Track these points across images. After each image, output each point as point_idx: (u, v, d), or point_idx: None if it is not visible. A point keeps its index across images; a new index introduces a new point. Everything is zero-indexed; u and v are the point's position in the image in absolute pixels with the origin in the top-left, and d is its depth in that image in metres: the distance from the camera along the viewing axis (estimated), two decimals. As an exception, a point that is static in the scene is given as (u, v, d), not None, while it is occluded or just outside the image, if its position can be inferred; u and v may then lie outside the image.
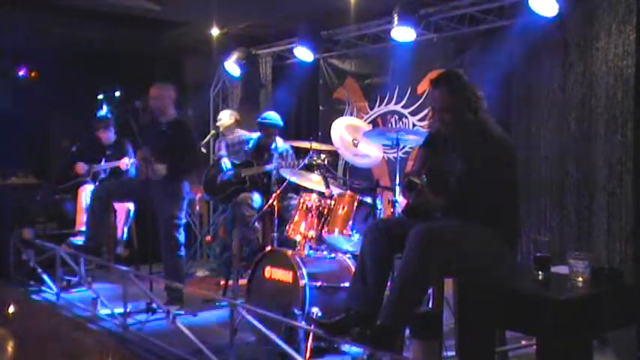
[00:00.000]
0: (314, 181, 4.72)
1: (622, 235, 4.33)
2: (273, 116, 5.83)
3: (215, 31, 6.93)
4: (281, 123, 5.83)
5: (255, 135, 6.02)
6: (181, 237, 5.07)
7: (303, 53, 6.44)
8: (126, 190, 5.39)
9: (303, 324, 3.60)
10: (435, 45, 5.72)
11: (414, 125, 5.88)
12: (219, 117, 6.62)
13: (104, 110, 6.84)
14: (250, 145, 5.99)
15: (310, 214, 4.37)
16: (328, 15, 6.18)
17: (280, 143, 5.83)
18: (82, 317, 4.85)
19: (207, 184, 6.04)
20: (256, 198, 5.53)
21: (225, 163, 5.88)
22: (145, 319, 4.49)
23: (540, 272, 2.84)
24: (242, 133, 6.36)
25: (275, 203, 4.73)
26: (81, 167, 6.39)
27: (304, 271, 3.86)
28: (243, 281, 4.84)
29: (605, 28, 4.46)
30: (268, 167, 5.58)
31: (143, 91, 5.30)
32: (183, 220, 5.14)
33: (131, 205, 6.22)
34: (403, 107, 6.02)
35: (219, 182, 5.87)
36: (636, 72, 4.32)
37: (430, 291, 3.37)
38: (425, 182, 3.17)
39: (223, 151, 6.01)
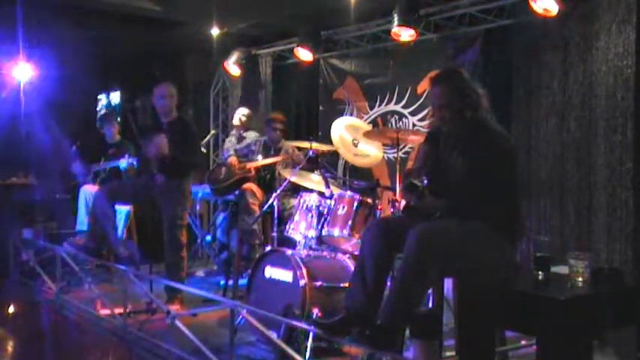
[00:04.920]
0: (314, 181, 4.72)
1: (622, 235, 4.34)
2: (280, 114, 5.99)
3: (215, 31, 6.93)
4: (285, 120, 5.96)
5: (263, 137, 6.11)
6: (184, 237, 5.06)
7: (303, 53, 6.44)
8: (129, 192, 5.38)
9: (303, 324, 3.60)
10: (435, 45, 5.72)
11: (414, 125, 5.89)
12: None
13: (105, 108, 6.85)
14: (258, 145, 6.06)
15: (310, 214, 4.38)
16: (328, 15, 6.18)
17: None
18: (82, 317, 4.85)
19: (212, 176, 6.08)
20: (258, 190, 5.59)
21: (232, 159, 5.95)
22: (144, 319, 4.48)
23: (540, 272, 2.84)
24: (250, 139, 6.39)
25: (275, 203, 4.74)
26: (74, 168, 6.37)
27: (304, 271, 3.86)
28: (243, 281, 4.84)
29: (605, 28, 4.46)
30: (269, 160, 5.64)
31: (143, 91, 5.30)
32: (187, 221, 5.13)
33: (131, 206, 6.22)
34: (403, 107, 6.02)
35: (224, 174, 5.91)
36: (636, 72, 4.32)
37: (430, 291, 3.37)
38: (425, 185, 3.16)
39: (231, 151, 6.06)
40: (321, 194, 4.47)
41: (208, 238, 7.07)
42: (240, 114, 6.56)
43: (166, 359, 3.90)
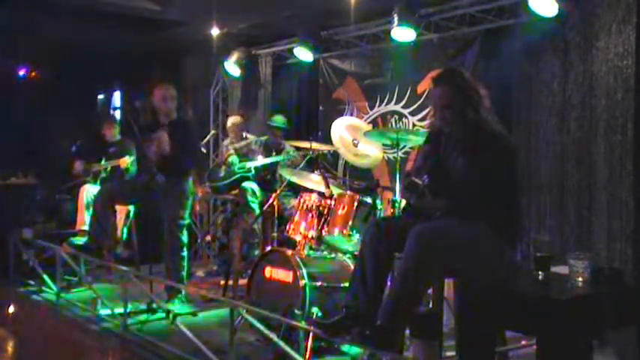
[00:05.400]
0: (314, 181, 4.72)
1: (622, 236, 4.33)
2: (279, 119, 6.10)
3: (215, 31, 6.93)
4: (286, 125, 6.09)
5: (264, 137, 6.12)
6: (185, 237, 5.06)
7: (303, 53, 6.44)
8: (129, 192, 5.37)
9: (303, 324, 3.60)
10: (435, 45, 5.72)
11: (414, 125, 5.89)
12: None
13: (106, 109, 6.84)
14: (258, 145, 6.08)
15: (310, 214, 4.38)
16: (328, 15, 6.18)
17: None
18: (82, 317, 4.85)
19: (212, 173, 6.09)
20: (258, 189, 5.61)
21: (233, 157, 5.95)
22: (144, 319, 4.48)
23: (540, 272, 2.84)
24: (250, 139, 6.41)
25: (275, 203, 4.74)
26: (77, 165, 6.36)
27: (304, 271, 3.86)
28: (243, 281, 4.84)
29: (605, 28, 4.46)
30: (270, 159, 5.65)
31: (143, 91, 5.31)
32: (187, 221, 5.14)
33: (131, 206, 6.22)
34: (403, 107, 6.02)
35: (225, 172, 5.92)
36: (636, 72, 4.32)
37: (430, 291, 3.37)
38: (426, 183, 3.16)
39: (232, 152, 6.07)
40: (321, 194, 4.47)
41: (208, 238, 7.07)
42: (228, 124, 6.61)
43: (166, 359, 3.90)
